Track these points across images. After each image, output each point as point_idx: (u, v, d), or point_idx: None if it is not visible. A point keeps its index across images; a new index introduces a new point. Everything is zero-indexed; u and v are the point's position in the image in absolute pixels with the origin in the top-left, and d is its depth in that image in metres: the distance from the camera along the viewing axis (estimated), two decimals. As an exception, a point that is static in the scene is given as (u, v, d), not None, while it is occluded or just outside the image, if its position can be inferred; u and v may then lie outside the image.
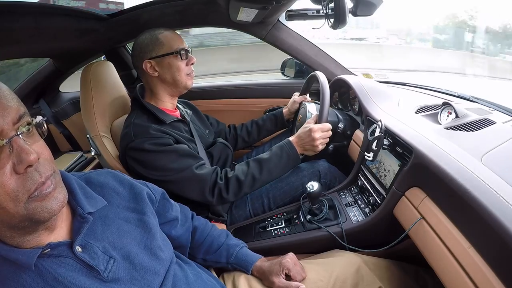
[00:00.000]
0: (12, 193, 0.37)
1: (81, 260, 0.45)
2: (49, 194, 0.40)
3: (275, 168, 0.95)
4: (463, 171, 0.57)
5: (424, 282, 0.78)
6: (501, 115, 0.90)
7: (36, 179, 0.39)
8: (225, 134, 1.30)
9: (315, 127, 0.96)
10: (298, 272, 0.71)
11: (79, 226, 0.48)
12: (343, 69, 1.37)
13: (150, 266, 0.52)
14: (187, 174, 0.88)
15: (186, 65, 0.97)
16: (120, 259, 0.49)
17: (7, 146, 0.37)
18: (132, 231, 0.53)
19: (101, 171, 0.60)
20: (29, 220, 0.40)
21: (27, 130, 0.40)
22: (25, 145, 0.38)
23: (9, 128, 0.38)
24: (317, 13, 1.04)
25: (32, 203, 0.39)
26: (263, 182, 0.94)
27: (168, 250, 0.58)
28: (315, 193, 0.84)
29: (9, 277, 0.41)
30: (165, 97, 1.01)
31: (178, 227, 0.70)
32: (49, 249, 0.44)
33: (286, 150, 0.96)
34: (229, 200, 0.92)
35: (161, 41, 0.94)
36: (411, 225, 0.66)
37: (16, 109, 0.40)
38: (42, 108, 1.61)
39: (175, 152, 0.89)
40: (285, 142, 0.98)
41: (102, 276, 0.46)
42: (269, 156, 0.96)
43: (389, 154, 0.81)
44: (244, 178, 0.91)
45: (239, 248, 0.75)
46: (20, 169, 0.37)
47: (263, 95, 1.56)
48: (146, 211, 0.57)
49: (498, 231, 0.45)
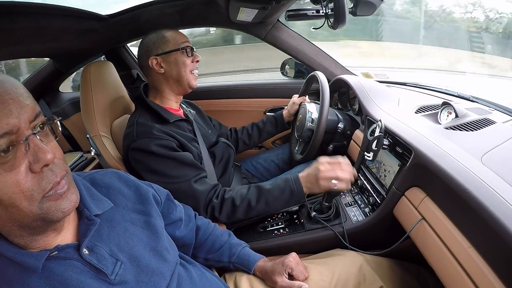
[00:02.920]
0: (27, 192, 0.37)
1: (88, 262, 0.45)
2: (64, 194, 0.40)
3: (274, 201, 0.87)
4: (463, 171, 0.57)
5: (426, 281, 0.78)
6: (501, 115, 0.90)
7: (52, 179, 0.39)
8: (227, 137, 1.29)
9: (323, 159, 0.85)
10: (301, 272, 0.70)
11: (86, 228, 0.47)
12: (343, 69, 1.37)
13: (157, 268, 0.51)
14: (184, 186, 0.86)
15: (191, 62, 0.99)
16: (127, 262, 0.48)
17: (24, 144, 0.37)
18: (138, 233, 0.53)
19: (106, 172, 0.59)
20: (41, 220, 0.40)
21: (42, 129, 0.40)
22: (42, 144, 0.38)
23: (26, 127, 0.38)
24: (317, 13, 1.04)
25: (46, 202, 0.39)
26: (258, 212, 0.88)
27: (173, 252, 0.57)
28: (334, 191, 0.84)
29: (16, 279, 0.41)
30: (170, 96, 1.01)
31: (182, 227, 0.69)
32: (56, 252, 0.43)
33: (290, 184, 0.87)
34: (221, 221, 0.88)
35: (167, 38, 0.96)
36: (412, 225, 0.66)
37: (33, 108, 0.39)
38: (42, 108, 1.61)
39: (177, 160, 0.88)
40: (292, 176, 0.89)
41: (109, 278, 0.45)
42: (271, 187, 0.88)
43: (389, 154, 0.81)
44: (240, 203, 0.87)
45: (241, 247, 0.75)
46: (36, 168, 0.37)
47: (263, 95, 1.56)
48: (152, 213, 0.57)
49: (498, 231, 0.45)
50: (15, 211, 0.37)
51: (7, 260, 0.42)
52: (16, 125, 0.37)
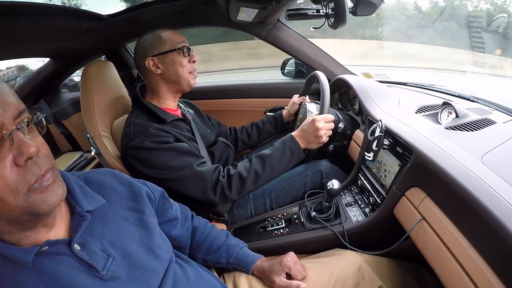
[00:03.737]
0: (13, 185, 0.38)
1: (80, 258, 0.45)
2: (49, 186, 0.41)
3: (278, 163, 0.92)
4: (463, 171, 0.57)
5: (425, 281, 0.78)
6: (502, 115, 0.89)
7: (36, 172, 0.40)
8: (226, 136, 1.30)
9: (318, 117, 0.95)
10: (299, 271, 0.70)
11: (77, 224, 0.48)
12: (343, 69, 1.37)
13: (149, 264, 0.52)
14: (188, 172, 0.87)
15: (188, 62, 0.98)
16: (119, 257, 0.49)
17: (8, 139, 0.38)
18: (131, 230, 0.54)
19: (101, 171, 0.60)
20: (28, 213, 0.40)
21: (26, 126, 0.41)
22: (25, 138, 0.39)
23: (10, 122, 0.39)
24: (317, 12, 1.03)
25: (31, 195, 0.39)
26: (266, 178, 0.92)
27: (167, 249, 0.58)
28: (334, 191, 0.84)
29: (7, 275, 0.42)
30: (168, 96, 1.01)
31: (178, 226, 0.69)
32: (47, 247, 0.44)
33: (288, 144, 0.94)
34: (232, 198, 0.90)
35: (164, 39, 0.96)
36: (412, 225, 0.66)
37: (17, 105, 0.40)
38: (42, 108, 1.61)
39: (175, 150, 0.89)
40: (287, 137, 0.96)
41: (100, 274, 0.46)
42: (272, 151, 0.93)
43: (389, 154, 0.81)
44: (247, 174, 0.89)
45: (239, 248, 0.75)
46: (20, 161, 0.38)
47: (263, 95, 1.56)
48: (145, 210, 0.57)
49: (498, 231, 0.45)
50: (1, 205, 0.38)
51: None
52: (0, 121, 0.38)
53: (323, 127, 0.94)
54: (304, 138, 0.95)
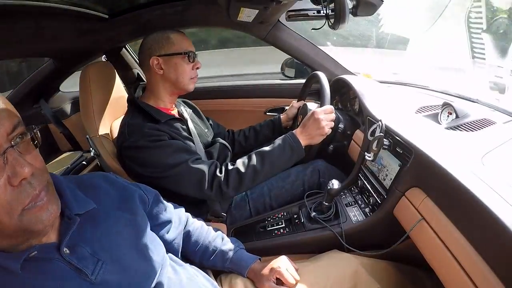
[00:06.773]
0: (7, 205, 0.37)
1: (69, 262, 0.45)
2: (43, 205, 0.40)
3: (278, 160, 0.90)
4: (464, 171, 0.57)
5: (422, 284, 0.78)
6: (502, 115, 0.90)
7: (30, 192, 0.39)
8: (224, 138, 1.29)
9: (318, 110, 0.94)
10: (289, 276, 0.69)
11: (66, 227, 0.47)
12: (343, 69, 1.37)
13: (140, 268, 0.51)
14: (182, 169, 0.86)
15: (192, 69, 0.98)
16: (109, 261, 0.48)
17: (1, 158, 0.37)
18: (122, 233, 0.53)
19: (94, 174, 0.60)
20: (23, 231, 0.40)
21: (21, 140, 0.39)
22: (20, 157, 0.38)
23: (3, 140, 0.37)
24: (317, 13, 1.03)
25: (26, 215, 0.39)
26: (265, 175, 0.90)
27: (159, 253, 0.57)
28: (334, 191, 0.84)
29: (0, 282, 0.41)
30: (164, 96, 1.01)
31: (172, 229, 0.68)
32: (36, 252, 0.43)
33: (289, 141, 0.92)
34: (229, 194, 0.88)
35: (172, 40, 0.95)
36: (412, 225, 0.66)
37: (11, 120, 0.39)
38: (43, 107, 1.61)
39: (169, 147, 0.88)
40: (288, 134, 0.94)
41: (90, 278, 0.45)
42: (272, 148, 0.91)
43: (389, 154, 0.81)
44: (245, 170, 0.87)
45: (234, 252, 0.74)
46: (14, 182, 0.37)
47: (263, 95, 1.56)
48: (137, 212, 0.57)
49: (498, 231, 0.45)
50: None
51: None
52: None
53: (324, 118, 0.93)
54: (306, 134, 0.93)
